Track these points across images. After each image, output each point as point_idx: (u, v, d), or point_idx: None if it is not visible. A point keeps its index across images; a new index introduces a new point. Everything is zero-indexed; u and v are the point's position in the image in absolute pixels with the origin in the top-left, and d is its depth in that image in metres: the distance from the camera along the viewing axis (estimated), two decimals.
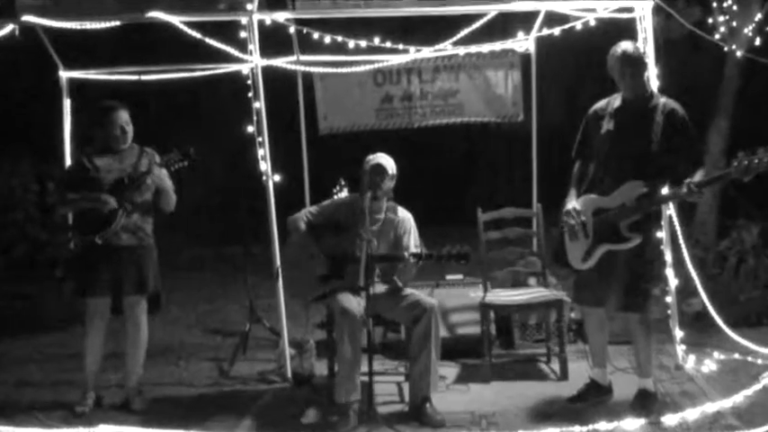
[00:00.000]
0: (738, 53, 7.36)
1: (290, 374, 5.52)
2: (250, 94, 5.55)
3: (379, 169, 5.04)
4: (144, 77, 6.62)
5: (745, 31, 7.34)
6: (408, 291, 5.04)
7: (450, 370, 5.63)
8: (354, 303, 4.81)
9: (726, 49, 7.09)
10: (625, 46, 4.57)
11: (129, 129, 5.08)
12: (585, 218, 4.62)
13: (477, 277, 6.06)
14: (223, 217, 11.63)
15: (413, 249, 4.99)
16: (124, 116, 5.05)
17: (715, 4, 7.45)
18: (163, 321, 7.39)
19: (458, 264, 4.69)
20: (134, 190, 4.98)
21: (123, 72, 6.68)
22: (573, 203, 4.69)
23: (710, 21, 7.34)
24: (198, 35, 5.54)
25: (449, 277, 6.37)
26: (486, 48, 6.88)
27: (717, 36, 6.86)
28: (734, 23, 7.33)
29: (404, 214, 5.22)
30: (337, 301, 4.84)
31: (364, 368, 4.62)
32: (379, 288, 4.97)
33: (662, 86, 5.27)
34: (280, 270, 5.37)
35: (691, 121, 4.54)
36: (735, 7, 7.41)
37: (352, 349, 4.68)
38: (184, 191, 5.30)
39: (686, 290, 6.10)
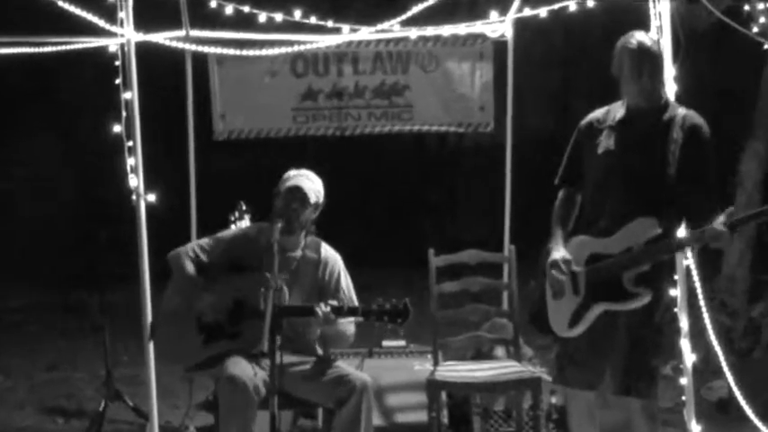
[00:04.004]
0: None
1: None
2: (118, 81, 5.51)
3: (298, 194, 5.04)
4: None
5: None
6: (334, 362, 5.03)
7: None
8: (248, 371, 4.77)
9: (766, 46, 7.28)
10: (640, 37, 4.64)
11: None
12: (578, 269, 4.67)
13: (426, 344, 6.06)
14: (73, 250, 11.46)
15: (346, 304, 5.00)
16: None
17: None
18: None
19: (393, 324, 4.68)
20: None
21: None
22: (562, 252, 4.72)
23: (747, 8, 7.51)
24: None
25: (386, 343, 6.37)
26: (446, 31, 6.94)
27: (754, 29, 7.03)
28: None
29: (328, 254, 5.22)
30: (224, 367, 4.80)
31: None
32: (291, 357, 4.94)
33: (680, 93, 5.37)
34: (154, 328, 5.29)
35: (716, 142, 4.64)
36: None
37: None
38: (20, 211, 5.22)
39: (707, 369, 6.20)
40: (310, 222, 5.16)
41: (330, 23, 6.63)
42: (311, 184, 5.10)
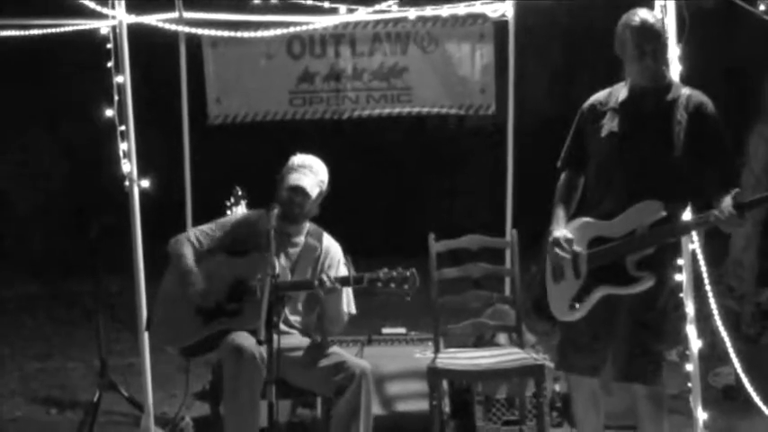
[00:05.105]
0: None
1: None
2: (110, 64, 5.51)
3: (300, 191, 5.07)
4: None
5: None
6: (332, 348, 5.05)
7: None
8: (253, 343, 4.78)
9: None
10: (644, 14, 4.64)
11: None
12: (579, 249, 4.69)
13: (426, 331, 6.08)
14: (66, 239, 11.47)
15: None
16: None
17: None
18: None
19: (400, 290, 4.72)
20: None
21: None
22: (562, 231, 4.74)
23: None
24: None
25: (386, 331, 6.39)
26: (446, 11, 6.93)
27: (761, 6, 7.03)
28: None
29: (329, 243, 5.26)
30: (228, 340, 4.82)
31: None
32: (289, 339, 4.97)
33: (685, 73, 5.37)
34: (150, 317, 5.30)
35: (724, 123, 4.65)
36: None
37: (249, 411, 4.68)
38: (10, 199, 5.24)
39: (713, 355, 6.21)
40: (312, 211, 5.20)
41: (327, 4, 6.61)
42: (314, 178, 5.11)
